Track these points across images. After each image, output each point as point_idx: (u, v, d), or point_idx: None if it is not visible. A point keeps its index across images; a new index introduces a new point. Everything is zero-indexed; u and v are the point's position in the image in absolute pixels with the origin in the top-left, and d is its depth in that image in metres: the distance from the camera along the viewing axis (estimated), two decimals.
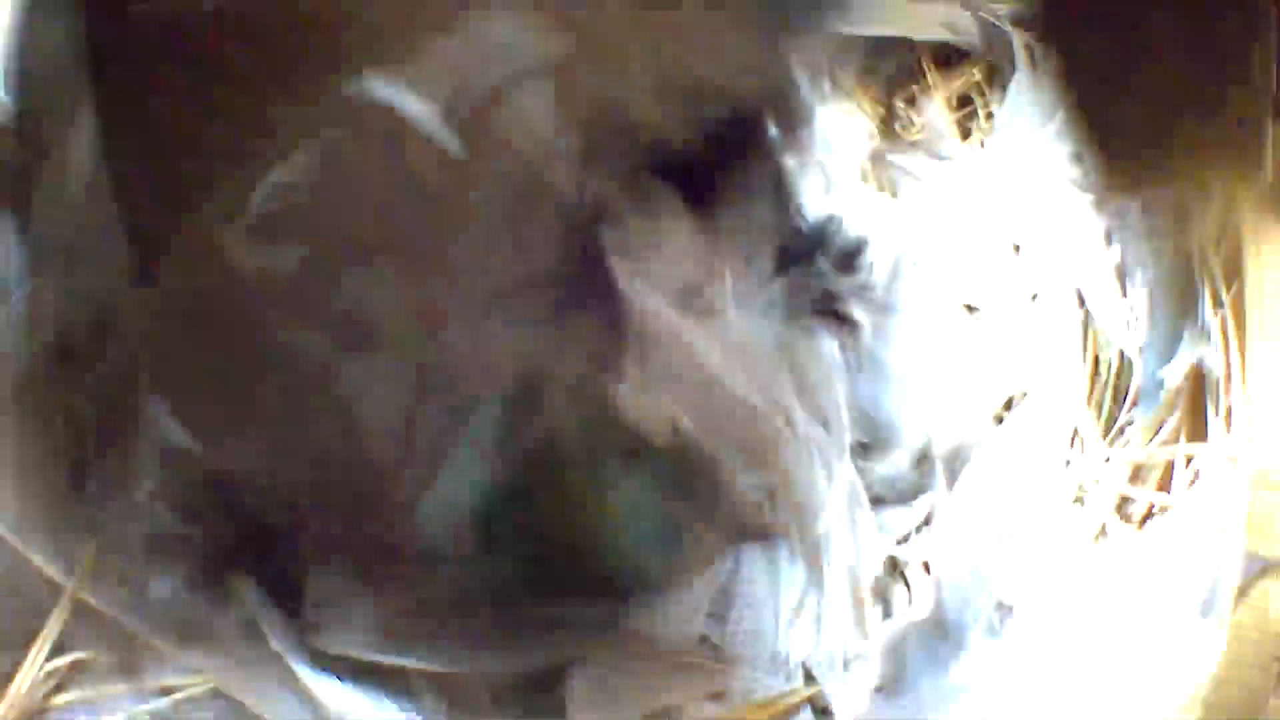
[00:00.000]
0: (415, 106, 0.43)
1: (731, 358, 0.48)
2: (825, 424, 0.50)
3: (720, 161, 0.50)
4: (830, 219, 0.52)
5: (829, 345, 0.51)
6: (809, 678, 0.48)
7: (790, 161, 0.52)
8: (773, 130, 0.51)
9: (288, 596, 0.45)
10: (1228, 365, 0.49)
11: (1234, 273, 0.49)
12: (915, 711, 0.45)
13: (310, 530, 0.46)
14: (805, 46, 0.51)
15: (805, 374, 0.50)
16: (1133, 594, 0.45)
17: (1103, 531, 0.51)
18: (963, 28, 0.54)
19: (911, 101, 0.55)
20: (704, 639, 0.48)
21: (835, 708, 0.47)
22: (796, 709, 0.48)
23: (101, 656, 0.45)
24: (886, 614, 0.50)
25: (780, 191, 0.51)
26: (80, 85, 0.41)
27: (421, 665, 0.45)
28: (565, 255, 0.47)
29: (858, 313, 0.51)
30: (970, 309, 0.53)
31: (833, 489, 0.49)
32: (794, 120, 0.52)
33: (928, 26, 0.54)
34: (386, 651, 0.45)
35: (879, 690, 0.48)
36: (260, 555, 0.46)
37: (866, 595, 0.49)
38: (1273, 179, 0.46)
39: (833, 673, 0.48)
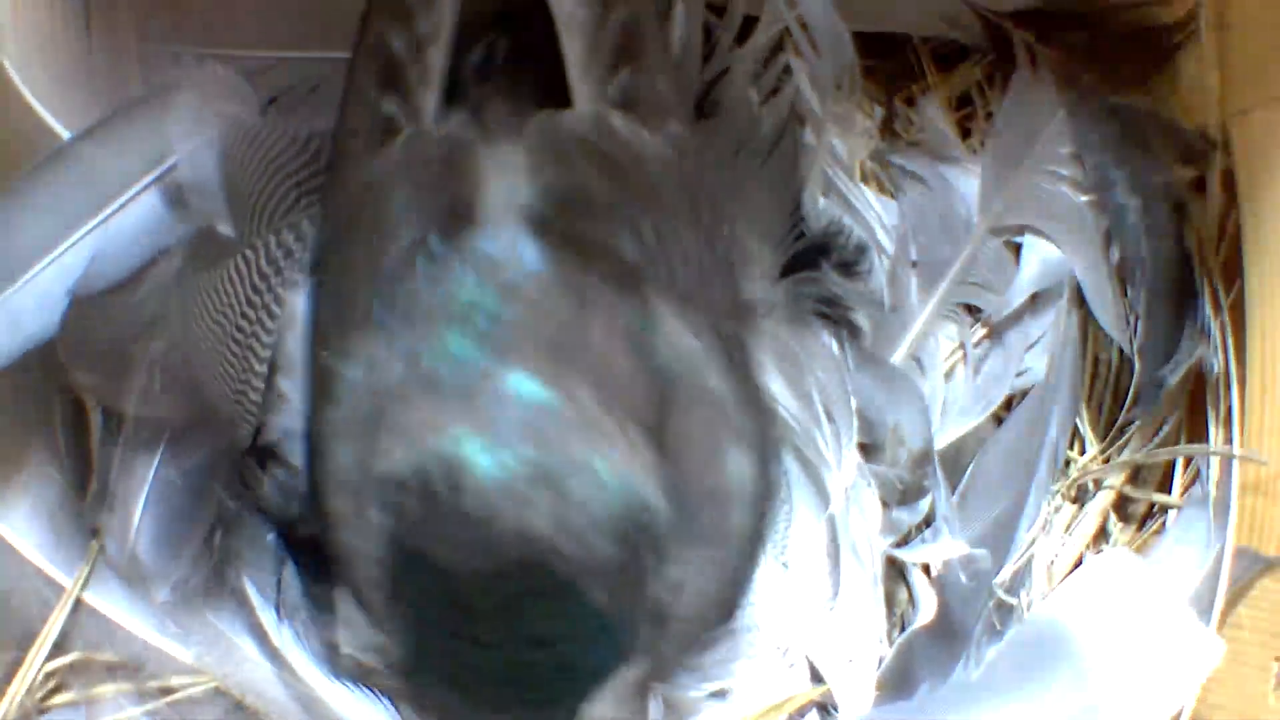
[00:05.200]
0: None
1: None
2: (831, 423, 0.50)
3: None
4: (833, 223, 0.52)
5: (831, 347, 0.51)
6: (814, 676, 0.48)
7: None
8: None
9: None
10: (1227, 365, 0.49)
11: (1234, 273, 0.49)
12: (917, 712, 0.45)
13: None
14: None
15: (808, 375, 0.50)
16: (1132, 594, 0.44)
17: (1102, 531, 0.51)
18: (963, 26, 0.54)
19: (911, 101, 0.55)
20: None
21: (841, 707, 0.47)
22: (803, 711, 0.48)
23: (101, 656, 0.45)
24: (890, 616, 0.50)
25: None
26: None
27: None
28: None
29: (859, 316, 0.51)
30: (970, 309, 0.53)
31: (839, 488, 0.49)
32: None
33: (928, 24, 0.54)
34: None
35: (880, 690, 0.48)
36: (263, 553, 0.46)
37: (873, 594, 0.49)
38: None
39: (839, 671, 0.48)
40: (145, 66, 0.43)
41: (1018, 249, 0.53)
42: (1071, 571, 0.50)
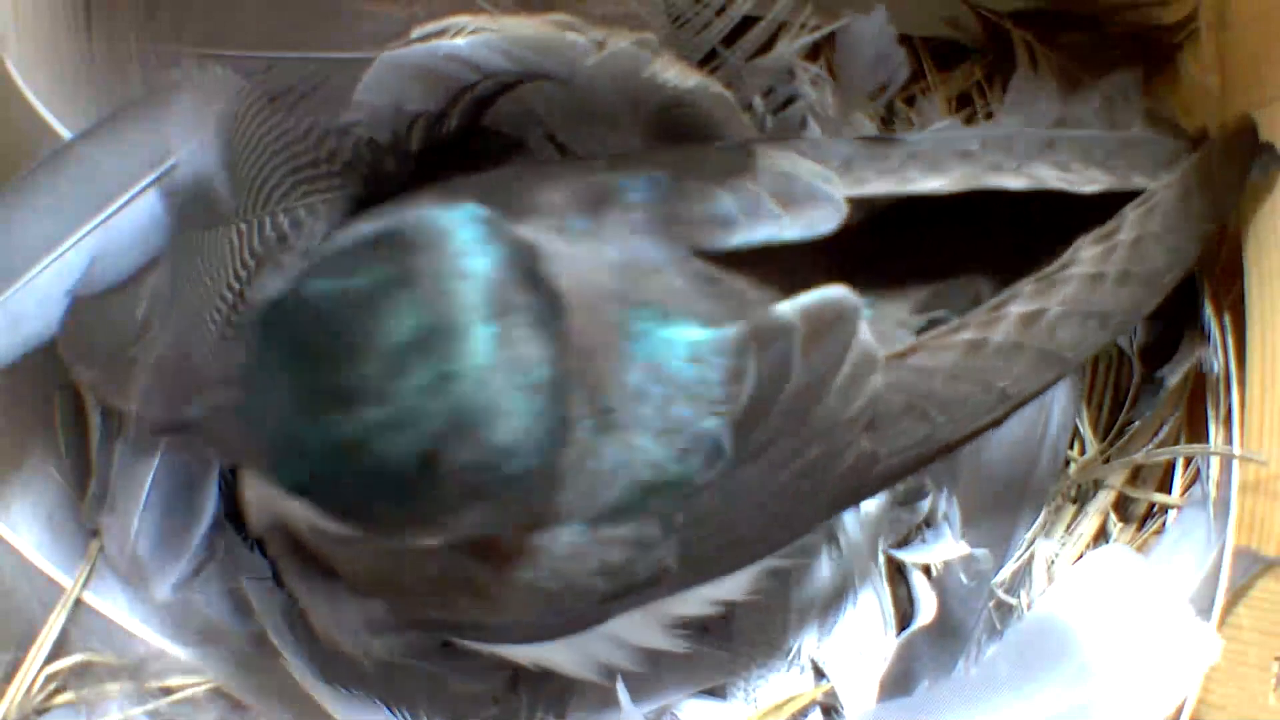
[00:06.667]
0: None
1: None
2: None
3: None
4: None
5: None
6: (817, 673, 0.48)
7: None
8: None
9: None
10: (1227, 365, 0.49)
11: (1234, 273, 0.49)
12: (917, 710, 0.45)
13: None
14: None
15: None
16: (1130, 590, 0.44)
17: (1102, 531, 0.51)
18: (963, 26, 0.54)
19: (911, 102, 0.55)
20: (706, 630, 0.48)
21: (844, 706, 0.47)
22: (805, 710, 0.48)
23: (101, 656, 0.45)
24: (889, 615, 0.50)
25: None
26: None
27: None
28: None
29: None
30: None
31: None
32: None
33: (928, 25, 0.54)
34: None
35: (882, 690, 0.48)
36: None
37: (876, 594, 0.49)
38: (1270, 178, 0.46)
39: (842, 671, 0.48)
40: (145, 67, 0.43)
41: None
42: (1072, 571, 0.50)
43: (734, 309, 0.38)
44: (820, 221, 0.40)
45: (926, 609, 0.49)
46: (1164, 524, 0.50)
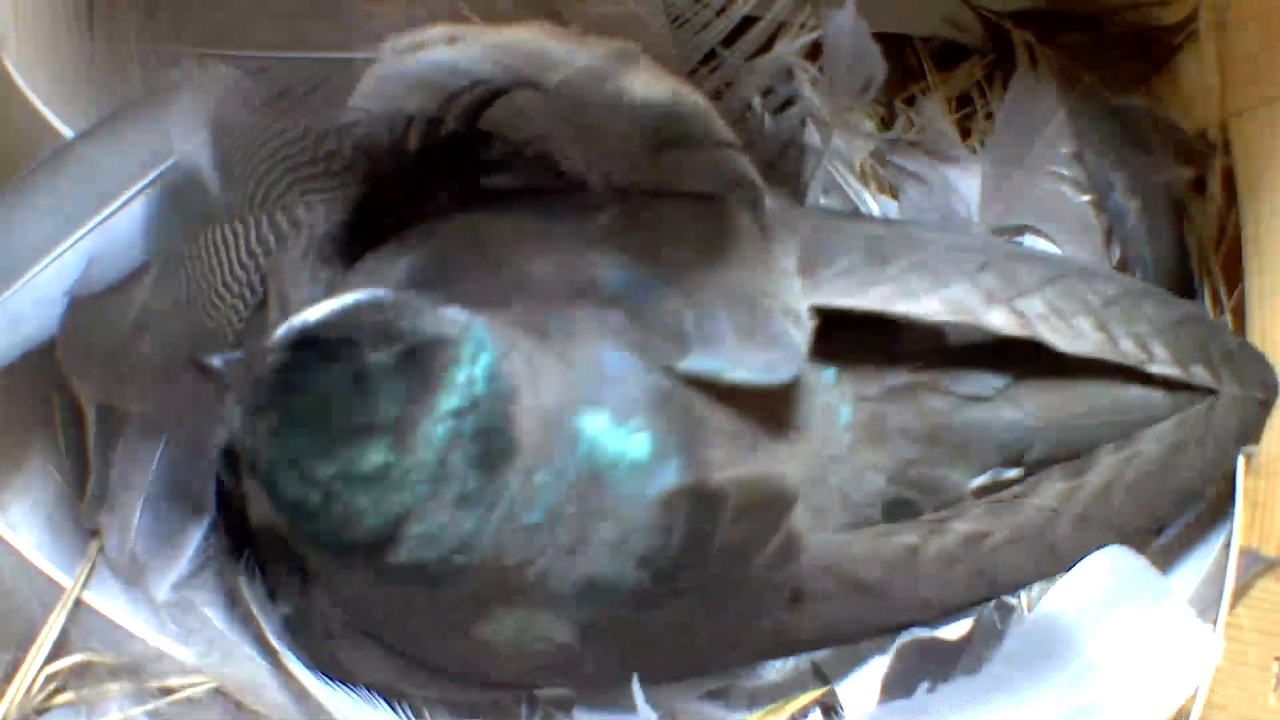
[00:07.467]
0: None
1: None
2: None
3: None
4: None
5: None
6: (819, 676, 0.48)
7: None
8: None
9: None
10: None
11: (1234, 273, 0.49)
12: (918, 711, 0.45)
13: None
14: None
15: None
16: (1131, 592, 0.44)
17: None
18: (964, 26, 0.54)
19: (911, 101, 0.55)
20: None
21: (844, 706, 0.47)
22: (805, 710, 0.48)
23: (101, 656, 0.45)
24: None
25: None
26: None
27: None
28: None
29: None
30: None
31: None
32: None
33: (928, 24, 0.54)
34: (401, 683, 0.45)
35: (882, 691, 0.47)
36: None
37: None
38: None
39: (842, 672, 0.48)
40: (145, 67, 0.43)
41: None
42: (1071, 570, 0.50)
43: (683, 437, 0.39)
44: (776, 367, 0.39)
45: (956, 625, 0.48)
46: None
